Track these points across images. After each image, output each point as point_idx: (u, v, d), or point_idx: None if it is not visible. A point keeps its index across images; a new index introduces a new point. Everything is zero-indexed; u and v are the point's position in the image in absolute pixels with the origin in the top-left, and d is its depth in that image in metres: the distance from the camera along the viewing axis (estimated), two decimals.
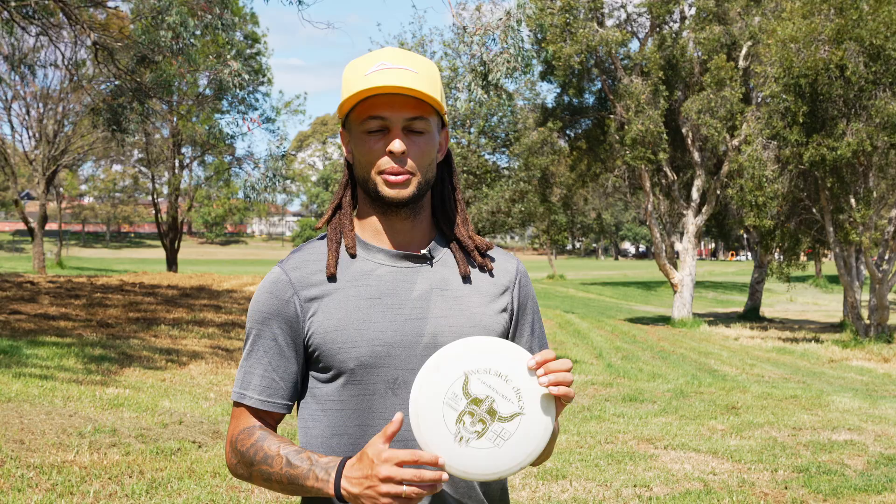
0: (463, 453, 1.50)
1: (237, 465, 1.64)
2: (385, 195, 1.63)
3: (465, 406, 1.51)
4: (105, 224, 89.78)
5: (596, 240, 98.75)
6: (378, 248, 1.67)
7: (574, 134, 26.62)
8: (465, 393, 1.51)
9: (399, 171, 1.61)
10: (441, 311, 1.65)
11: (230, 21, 13.73)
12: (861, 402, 9.37)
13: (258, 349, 1.66)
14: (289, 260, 1.69)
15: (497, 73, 10.31)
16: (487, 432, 1.50)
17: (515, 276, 1.76)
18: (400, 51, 1.66)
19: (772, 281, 36.34)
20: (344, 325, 1.61)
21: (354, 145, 1.66)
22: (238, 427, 1.66)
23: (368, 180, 1.64)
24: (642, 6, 24.66)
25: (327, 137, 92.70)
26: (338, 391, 1.63)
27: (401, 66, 1.61)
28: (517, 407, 1.51)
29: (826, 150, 18.24)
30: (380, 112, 1.61)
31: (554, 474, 5.92)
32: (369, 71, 1.61)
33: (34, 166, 34.71)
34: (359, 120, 1.63)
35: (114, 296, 16.64)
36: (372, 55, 1.65)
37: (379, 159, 1.62)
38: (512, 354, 1.53)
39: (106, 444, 5.86)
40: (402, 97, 1.61)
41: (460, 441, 1.50)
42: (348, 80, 1.64)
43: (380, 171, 1.62)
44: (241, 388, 1.67)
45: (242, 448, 1.62)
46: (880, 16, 17.76)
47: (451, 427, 1.50)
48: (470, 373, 1.52)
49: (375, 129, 1.62)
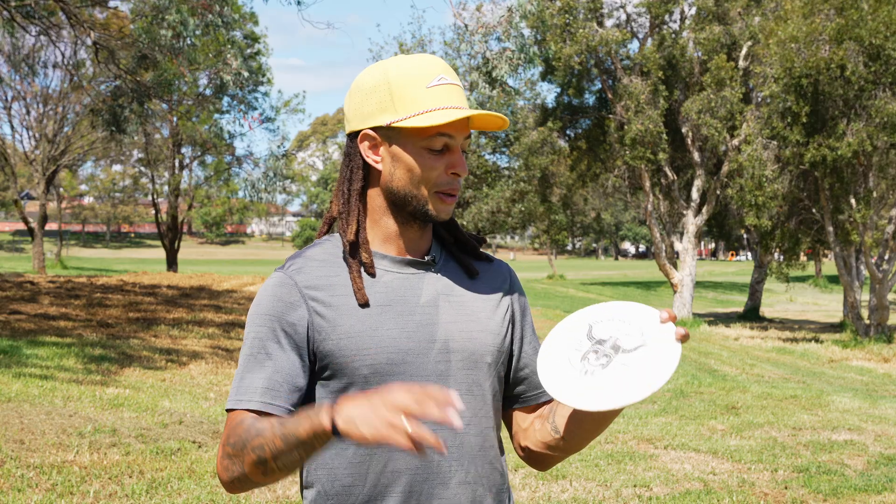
0: (589, 384, 1.49)
1: (231, 466, 1.50)
2: (435, 215, 1.62)
3: (589, 346, 1.53)
4: (105, 224, 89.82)
5: (596, 240, 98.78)
6: (382, 254, 1.65)
7: (574, 134, 26.62)
8: (589, 337, 1.54)
9: (456, 191, 1.63)
10: (450, 316, 1.64)
11: (230, 20, 13.73)
12: (861, 402, 9.37)
13: (259, 352, 1.58)
14: (291, 266, 1.63)
15: (501, 70, 10.31)
16: (612, 363, 1.50)
17: (509, 278, 1.77)
18: (440, 60, 1.65)
19: (772, 281, 36.35)
20: (357, 333, 1.57)
21: (405, 157, 1.61)
22: (229, 428, 1.54)
23: (417, 196, 1.61)
24: (642, 6, 24.66)
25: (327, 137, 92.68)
26: None
27: (455, 81, 1.63)
28: (641, 341, 1.51)
29: (827, 151, 18.24)
30: (450, 131, 1.60)
31: (554, 474, 5.92)
32: (431, 84, 1.60)
33: (34, 166, 34.71)
34: (423, 134, 1.60)
35: (114, 296, 16.64)
36: (420, 63, 1.62)
37: (437, 175, 1.61)
38: (637, 306, 1.56)
39: (106, 444, 5.86)
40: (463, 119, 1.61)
41: (585, 374, 1.50)
42: (404, 87, 1.59)
43: (437, 189, 1.61)
44: (237, 394, 1.56)
45: (236, 439, 1.50)
46: (880, 16, 17.76)
47: (576, 365, 1.51)
48: (594, 322, 1.55)
49: (439, 149, 1.60)
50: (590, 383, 1.48)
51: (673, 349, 1.49)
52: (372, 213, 1.67)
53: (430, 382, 1.59)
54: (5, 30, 13.89)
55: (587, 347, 1.53)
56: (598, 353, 1.51)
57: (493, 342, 1.67)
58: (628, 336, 1.52)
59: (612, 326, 1.54)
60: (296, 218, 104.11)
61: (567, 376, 1.51)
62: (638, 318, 1.54)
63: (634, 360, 1.49)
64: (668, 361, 1.47)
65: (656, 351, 1.49)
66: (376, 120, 1.61)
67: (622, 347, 1.51)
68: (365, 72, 1.67)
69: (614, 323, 1.54)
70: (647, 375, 1.46)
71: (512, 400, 1.75)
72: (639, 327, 1.52)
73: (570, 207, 28.39)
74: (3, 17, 13.66)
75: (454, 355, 1.62)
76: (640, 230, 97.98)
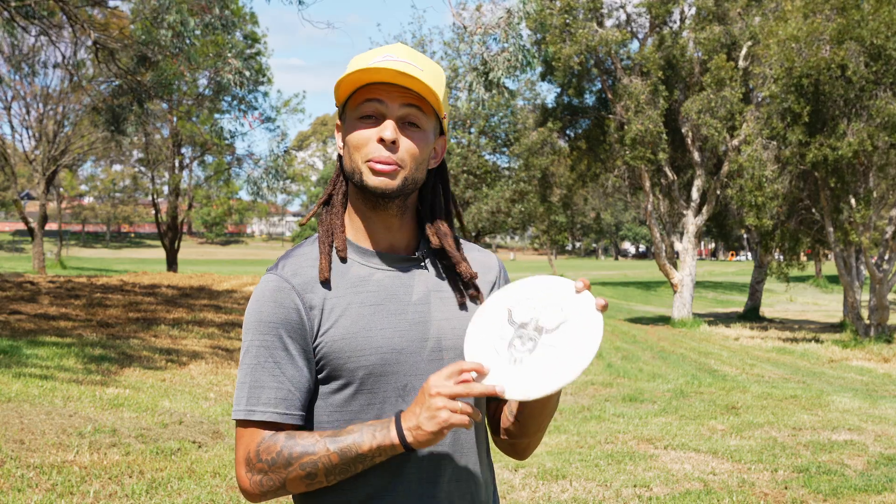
0: (518, 373, 1.48)
1: (264, 479, 1.53)
2: (370, 184, 1.58)
3: (513, 333, 1.52)
4: (105, 224, 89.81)
5: (596, 240, 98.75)
6: (370, 251, 1.64)
7: (574, 134, 26.63)
8: (511, 322, 1.53)
9: (387, 161, 1.57)
10: (442, 313, 1.65)
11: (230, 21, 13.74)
12: (861, 402, 9.37)
13: (266, 360, 1.57)
14: (284, 267, 1.62)
15: (498, 72, 10.31)
16: (538, 347, 1.49)
17: (499, 272, 1.77)
18: (409, 48, 1.64)
19: (772, 281, 36.35)
20: (351, 334, 1.58)
21: (346, 132, 1.62)
22: (252, 442, 1.55)
23: (355, 168, 1.60)
24: (642, 6, 24.67)
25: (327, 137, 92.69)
26: (346, 401, 1.59)
27: (407, 60, 1.60)
28: (562, 317, 1.50)
29: (828, 150, 18.24)
30: (377, 96, 1.58)
31: (554, 474, 5.92)
32: (374, 61, 1.59)
33: (34, 166, 34.71)
34: (354, 105, 1.60)
35: (114, 296, 16.64)
36: (380, 48, 1.64)
37: (368, 146, 1.58)
38: (549, 279, 1.55)
39: (106, 444, 5.86)
40: (402, 88, 1.58)
41: (514, 363, 1.49)
42: (352, 66, 1.61)
43: (367, 158, 1.58)
44: (248, 404, 1.56)
45: (269, 456, 1.52)
46: (881, 16, 17.76)
47: (503, 355, 1.50)
48: (512, 305, 1.54)
49: (370, 114, 1.58)
50: (521, 372, 1.48)
51: (594, 320, 1.48)
52: (351, 202, 1.67)
53: (424, 381, 1.60)
54: (5, 30, 13.89)
55: (511, 334, 1.52)
56: (522, 339, 1.51)
57: None
58: (548, 314, 1.51)
59: (531, 306, 1.53)
60: (296, 218, 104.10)
61: (497, 367, 1.50)
62: (554, 293, 1.53)
63: (559, 339, 1.48)
64: (593, 334, 1.47)
65: (579, 325, 1.48)
66: (337, 106, 1.65)
67: (545, 328, 1.50)
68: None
69: (532, 302, 1.53)
70: (575, 352, 1.46)
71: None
72: (557, 302, 1.52)
73: (570, 207, 28.37)
74: (3, 18, 13.66)
75: (447, 353, 1.63)
76: (640, 230, 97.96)
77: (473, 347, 1.53)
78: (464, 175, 29.86)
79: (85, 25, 13.64)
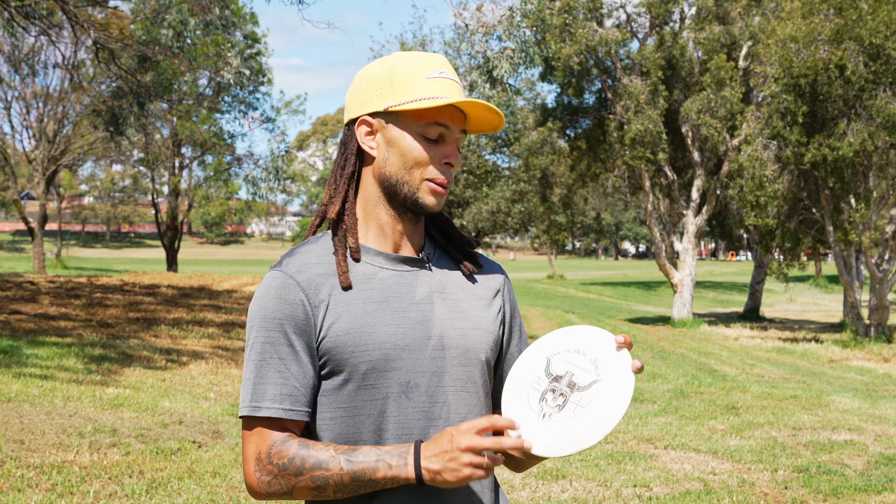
0: (546, 429, 1.51)
1: (272, 481, 1.54)
2: (426, 203, 1.63)
3: (547, 385, 1.55)
4: (105, 224, 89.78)
5: (596, 240, 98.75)
6: (377, 251, 1.65)
7: (574, 134, 26.63)
8: (547, 373, 1.56)
9: (446, 184, 1.64)
10: (444, 313, 1.65)
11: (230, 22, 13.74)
12: (861, 402, 9.37)
13: (271, 357, 1.58)
14: (289, 264, 1.63)
15: (501, 69, 10.30)
16: (568, 403, 1.53)
17: (503, 281, 1.79)
18: (444, 58, 1.68)
19: (772, 281, 36.35)
20: (355, 329, 1.59)
21: (400, 142, 1.63)
22: (263, 442, 1.56)
23: (409, 181, 1.62)
24: (642, 6, 24.66)
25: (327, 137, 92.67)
26: (349, 397, 1.59)
27: (455, 78, 1.65)
28: (595, 375, 1.53)
29: (827, 151, 18.24)
30: (446, 121, 1.62)
31: (554, 474, 5.92)
32: (431, 75, 1.62)
33: (34, 166, 34.71)
34: (420, 121, 1.62)
35: (114, 296, 16.64)
36: (423, 57, 1.66)
37: (432, 165, 1.63)
38: (591, 332, 1.59)
39: (106, 444, 5.86)
40: (461, 114, 1.64)
41: (543, 418, 1.53)
42: (406, 75, 1.62)
43: (429, 178, 1.62)
44: (253, 400, 1.57)
45: (281, 461, 1.53)
46: (880, 15, 17.76)
47: (534, 407, 1.54)
48: (552, 355, 1.58)
49: (434, 138, 1.62)
50: (547, 428, 1.52)
51: (626, 383, 1.51)
52: (366, 204, 1.68)
53: (426, 379, 1.61)
54: (5, 30, 13.89)
55: (545, 386, 1.56)
56: (554, 393, 1.55)
57: (487, 340, 1.69)
58: (583, 370, 1.55)
59: (568, 359, 1.56)
60: (296, 218, 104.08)
61: (526, 419, 1.54)
62: (594, 346, 1.56)
63: (589, 399, 1.52)
64: (621, 399, 1.50)
65: (610, 387, 1.52)
66: (374, 105, 1.64)
67: (577, 384, 1.54)
68: (369, 64, 1.71)
69: (570, 355, 1.57)
70: (600, 418, 1.50)
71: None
72: (594, 357, 1.55)
73: (571, 207, 28.37)
74: (3, 18, 13.66)
75: (449, 352, 1.63)
76: (641, 230, 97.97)
77: (512, 391, 1.58)
78: (464, 175, 29.85)
79: (85, 25, 13.64)
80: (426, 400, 1.61)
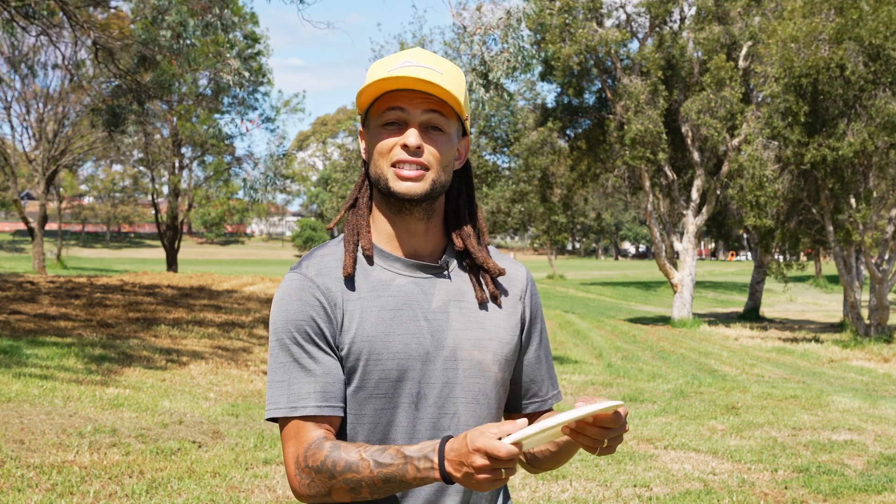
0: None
1: (312, 484, 1.55)
2: (396, 190, 1.60)
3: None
4: (105, 224, 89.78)
5: (596, 240, 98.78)
6: (394, 256, 1.64)
7: (574, 134, 26.63)
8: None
9: (413, 164, 1.59)
10: (460, 323, 1.64)
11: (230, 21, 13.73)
12: (861, 402, 9.37)
13: (301, 356, 1.58)
14: (308, 267, 1.63)
15: (497, 72, 10.32)
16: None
17: (526, 285, 1.75)
18: (427, 52, 1.65)
19: (772, 281, 36.35)
20: (370, 338, 1.58)
21: (370, 140, 1.64)
22: (301, 445, 1.56)
23: (381, 175, 1.62)
24: (641, 6, 24.67)
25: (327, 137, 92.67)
26: (359, 405, 1.60)
27: (426, 65, 1.61)
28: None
29: (828, 151, 18.24)
30: (399, 103, 1.60)
31: (554, 474, 5.92)
32: (393, 67, 1.61)
33: (34, 166, 34.71)
34: (377, 113, 1.63)
35: (114, 296, 16.64)
36: (399, 54, 1.65)
37: (392, 152, 1.60)
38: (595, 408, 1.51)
39: (106, 444, 5.86)
40: (423, 94, 1.60)
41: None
42: (372, 74, 1.63)
43: (393, 163, 1.60)
44: (290, 402, 1.57)
45: (315, 463, 1.53)
46: (880, 15, 17.77)
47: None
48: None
49: (393, 121, 1.61)
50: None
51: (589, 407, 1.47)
52: (375, 210, 1.69)
53: (437, 389, 1.60)
54: (5, 30, 13.90)
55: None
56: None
57: (502, 352, 1.66)
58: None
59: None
60: (296, 218, 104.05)
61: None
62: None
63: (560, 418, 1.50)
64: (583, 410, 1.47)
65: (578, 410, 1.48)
66: (360, 114, 1.68)
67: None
68: None
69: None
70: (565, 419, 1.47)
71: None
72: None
73: (571, 207, 28.38)
74: (2, 18, 13.66)
75: (462, 363, 1.62)
76: (640, 230, 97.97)
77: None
78: None
79: (85, 25, 13.65)
80: (435, 411, 1.60)
